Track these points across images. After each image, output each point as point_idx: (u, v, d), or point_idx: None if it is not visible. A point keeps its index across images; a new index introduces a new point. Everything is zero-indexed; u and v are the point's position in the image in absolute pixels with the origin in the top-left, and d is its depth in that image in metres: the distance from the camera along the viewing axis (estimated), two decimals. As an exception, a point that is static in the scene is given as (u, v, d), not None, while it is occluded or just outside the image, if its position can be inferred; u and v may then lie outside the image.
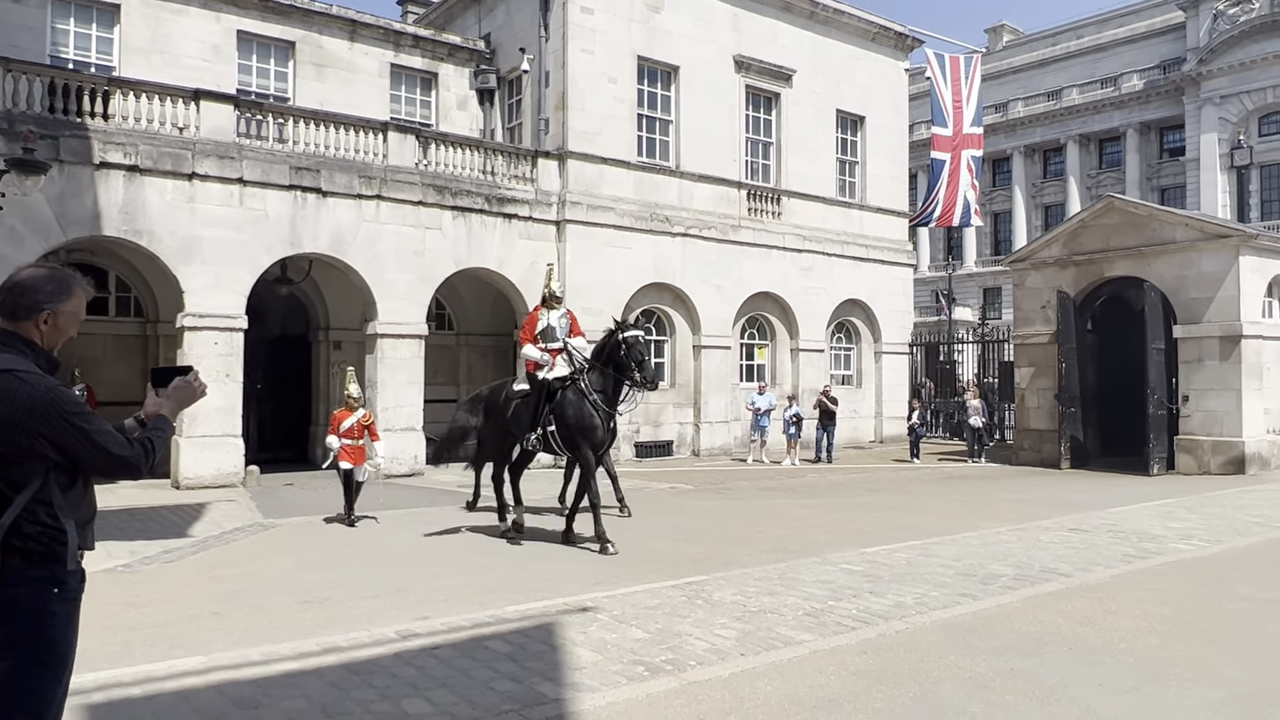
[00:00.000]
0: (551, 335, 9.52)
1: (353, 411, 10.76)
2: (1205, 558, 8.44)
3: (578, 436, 8.96)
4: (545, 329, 9.57)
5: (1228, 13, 45.48)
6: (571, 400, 9.06)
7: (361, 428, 10.75)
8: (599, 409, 8.94)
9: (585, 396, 8.97)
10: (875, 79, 23.81)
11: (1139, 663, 5.23)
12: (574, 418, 8.97)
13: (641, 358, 8.82)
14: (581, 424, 8.95)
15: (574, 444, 9.04)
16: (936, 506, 12.24)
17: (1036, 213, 53.73)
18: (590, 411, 8.93)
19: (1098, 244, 17.46)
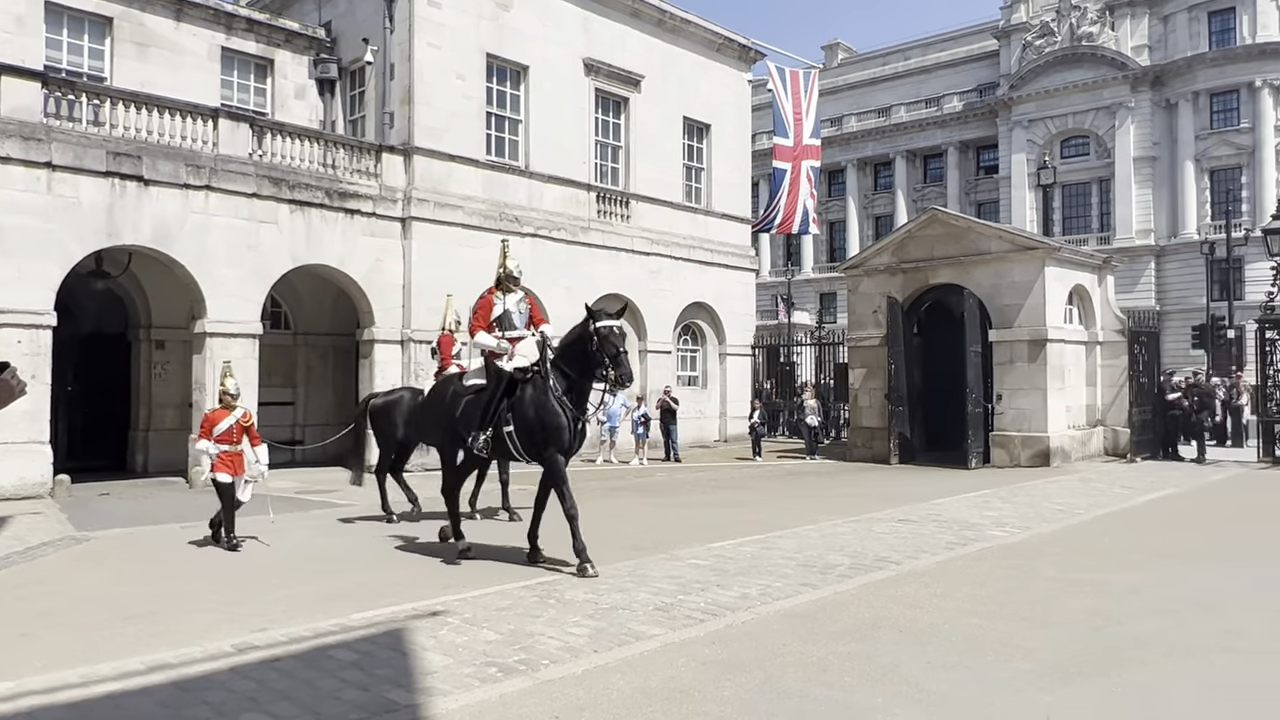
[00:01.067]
0: (509, 322, 8.42)
1: (230, 411, 9.32)
2: (1016, 543, 9.17)
3: (542, 438, 7.90)
4: (502, 315, 8.43)
5: (1035, 43, 49.61)
6: (533, 396, 7.98)
7: (240, 430, 9.32)
8: (565, 408, 7.88)
9: (550, 393, 7.89)
10: (720, 89, 24.51)
11: (961, 641, 5.64)
12: (536, 417, 7.91)
13: (616, 352, 7.71)
14: (545, 423, 7.88)
15: (537, 447, 7.98)
16: (778, 502, 12.72)
17: (868, 222, 56.79)
18: (555, 409, 7.85)
19: (923, 253, 18.64)
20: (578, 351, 7.94)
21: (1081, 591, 7.01)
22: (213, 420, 9.32)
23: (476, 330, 8.43)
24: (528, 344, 8.29)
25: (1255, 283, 37.55)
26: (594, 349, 7.76)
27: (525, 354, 8.21)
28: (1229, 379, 24.26)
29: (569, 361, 7.98)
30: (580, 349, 7.91)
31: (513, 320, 8.45)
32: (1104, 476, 15.46)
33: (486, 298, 8.58)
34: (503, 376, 8.12)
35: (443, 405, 8.76)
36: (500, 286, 8.63)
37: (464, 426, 8.32)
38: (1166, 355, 36.94)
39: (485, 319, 8.45)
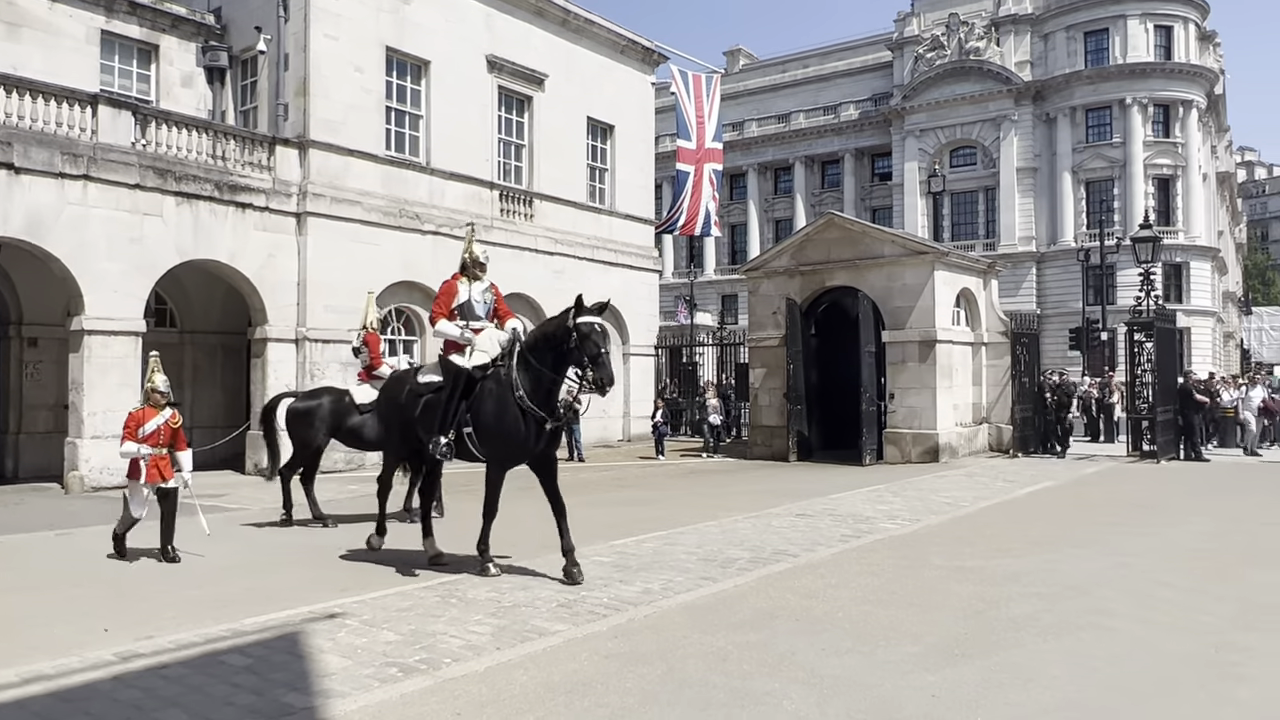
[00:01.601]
0: (471, 312, 7.75)
1: (159, 410, 8.36)
2: (907, 534, 9.55)
3: (496, 439, 7.30)
4: (464, 304, 7.75)
5: (926, 56, 51.58)
6: (495, 395, 7.31)
7: (169, 431, 8.36)
8: (527, 411, 7.16)
9: (512, 392, 7.19)
10: (624, 90, 24.65)
11: (854, 628, 5.85)
12: (493, 417, 7.27)
13: (597, 351, 7.03)
14: (501, 427, 7.22)
15: (490, 446, 7.43)
16: (681, 500, 12.89)
17: (769, 226, 57.97)
18: (515, 412, 7.17)
19: (820, 256, 19.17)
20: (551, 348, 7.24)
21: (966, 578, 7.36)
22: (139, 419, 8.31)
23: (437, 318, 7.72)
24: (488, 336, 7.63)
25: (1126, 288, 39.91)
26: (572, 346, 7.08)
27: (485, 349, 7.54)
28: (1102, 378, 25.78)
29: (540, 358, 7.25)
30: (555, 345, 7.22)
31: (475, 310, 7.78)
32: (988, 471, 16.21)
33: (450, 283, 7.93)
34: (460, 375, 7.45)
35: (397, 406, 8.08)
36: (465, 273, 7.97)
37: (424, 428, 7.69)
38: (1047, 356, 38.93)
39: (447, 306, 7.75)
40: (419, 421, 7.76)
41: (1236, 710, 4.43)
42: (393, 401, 8.23)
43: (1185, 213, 46.61)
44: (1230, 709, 4.45)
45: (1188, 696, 4.61)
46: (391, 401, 8.27)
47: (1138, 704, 4.50)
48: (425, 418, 7.68)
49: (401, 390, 8.12)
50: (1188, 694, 4.64)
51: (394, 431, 8.34)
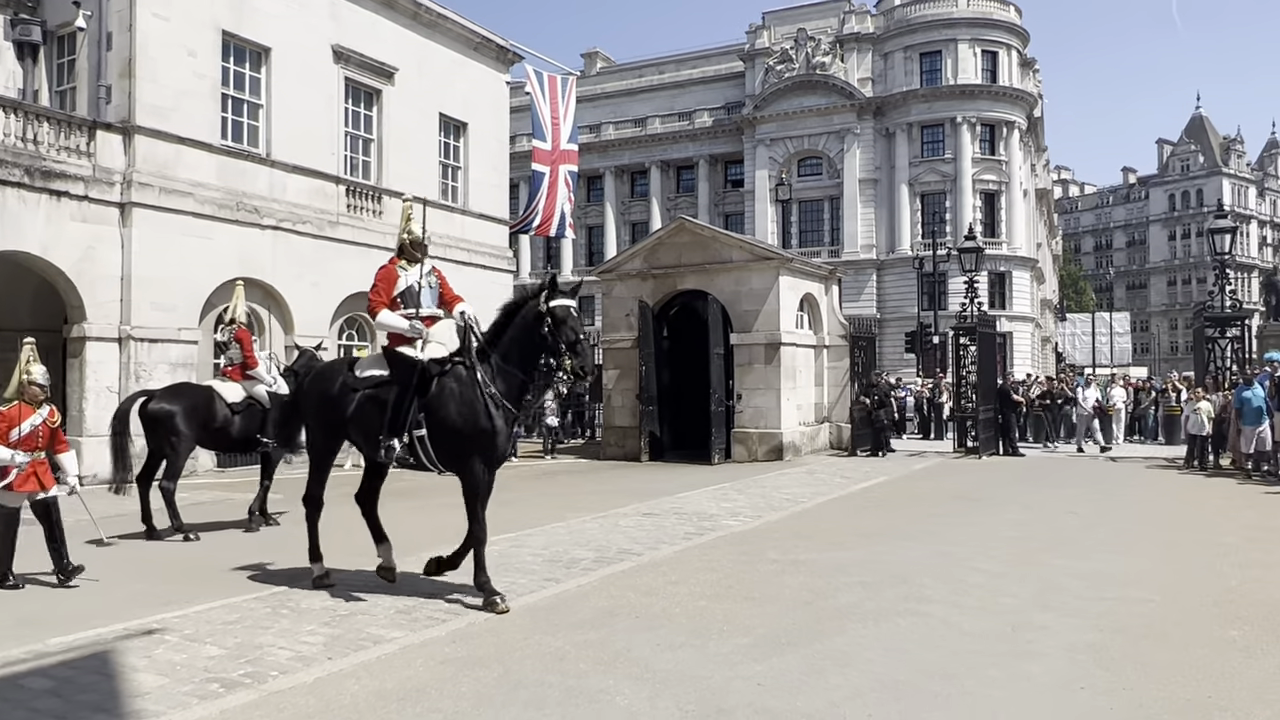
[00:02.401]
0: (414, 299, 6.83)
1: (35, 408, 7.28)
2: (747, 530, 9.89)
3: (467, 446, 6.45)
4: (407, 291, 6.85)
5: (776, 68, 53.41)
6: (456, 393, 6.48)
7: (47, 432, 7.34)
8: (500, 406, 6.40)
9: (478, 388, 6.40)
10: (478, 87, 24.35)
11: (690, 622, 6.02)
12: (461, 418, 6.43)
13: (576, 338, 6.31)
14: (474, 427, 6.40)
15: (458, 456, 6.55)
16: (529, 501, 12.84)
17: (625, 228, 58.56)
18: (486, 409, 6.37)
19: (672, 260, 19.55)
20: (520, 336, 6.48)
21: (799, 571, 7.70)
22: (11, 419, 7.16)
23: (378, 308, 6.80)
24: (444, 328, 6.85)
25: (956, 294, 42.53)
26: (545, 333, 6.32)
27: (442, 340, 6.76)
28: (933, 379, 27.43)
29: (506, 348, 6.51)
30: (524, 333, 6.45)
31: (419, 297, 6.83)
32: (828, 468, 16.97)
33: (388, 268, 6.95)
34: (415, 369, 6.55)
35: (327, 403, 7.02)
36: (403, 255, 7.02)
37: (359, 429, 6.85)
38: (886, 358, 41.16)
39: (388, 294, 6.82)
40: (353, 421, 6.85)
41: (1028, 684, 4.84)
42: (321, 398, 7.11)
43: (1008, 225, 50.21)
44: (1023, 683, 4.85)
45: (986, 673, 5.00)
46: (320, 398, 7.14)
47: (943, 682, 4.85)
48: (362, 417, 6.76)
49: (332, 385, 7.06)
50: (986, 671, 5.04)
51: (322, 433, 7.23)
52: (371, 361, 7.16)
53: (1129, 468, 17.51)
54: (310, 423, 7.38)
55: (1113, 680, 4.87)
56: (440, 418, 6.52)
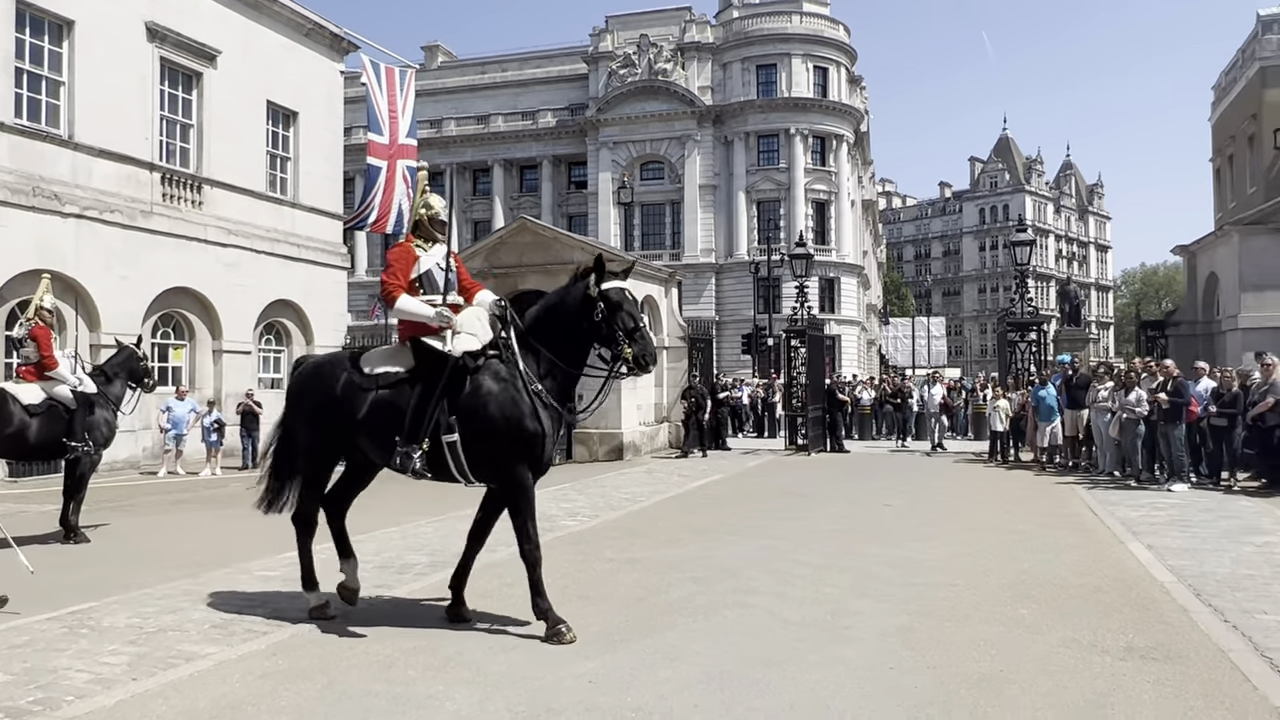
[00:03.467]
0: (434, 285, 5.98)
1: None
2: (585, 530, 9.96)
3: (511, 452, 5.64)
4: (426, 275, 5.99)
5: (619, 72, 54.02)
6: (495, 391, 5.65)
7: None
8: (547, 406, 5.67)
9: (521, 384, 5.64)
10: (310, 76, 23.35)
11: (524, 624, 6.00)
12: (504, 420, 5.60)
13: (635, 323, 5.64)
14: (520, 431, 5.61)
15: (499, 464, 5.72)
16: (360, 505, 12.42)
17: (467, 227, 57.63)
18: (533, 409, 5.61)
19: (514, 260, 19.41)
20: (568, 324, 5.73)
21: (634, 568, 7.82)
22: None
23: (396, 293, 5.84)
24: (473, 316, 5.90)
25: (788, 298, 44.38)
26: (598, 319, 5.59)
27: (474, 331, 5.82)
28: (767, 380, 28.51)
29: (552, 338, 5.76)
30: (572, 320, 5.70)
31: (437, 282, 5.99)
32: (666, 467, 17.32)
33: (404, 247, 6.07)
34: (446, 364, 5.68)
35: (329, 403, 6.01)
36: (419, 233, 6.14)
37: (372, 435, 5.90)
38: (724, 360, 42.38)
39: (405, 276, 5.91)
40: (364, 426, 5.89)
41: (843, 668, 5.12)
42: (321, 398, 6.07)
43: (837, 234, 52.84)
44: (838, 667, 5.13)
45: (806, 659, 5.25)
46: (319, 399, 6.10)
47: (765, 669, 5.06)
48: (376, 421, 5.83)
49: (333, 383, 6.05)
50: (807, 657, 5.29)
51: (322, 440, 6.15)
52: (383, 356, 6.19)
53: (940, 462, 18.81)
54: (304, 428, 6.25)
55: (918, 660, 5.22)
56: (478, 421, 5.63)
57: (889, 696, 4.66)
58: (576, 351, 5.78)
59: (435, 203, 6.16)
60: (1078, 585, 7.19)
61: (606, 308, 5.59)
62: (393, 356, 6.09)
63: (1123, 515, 10.91)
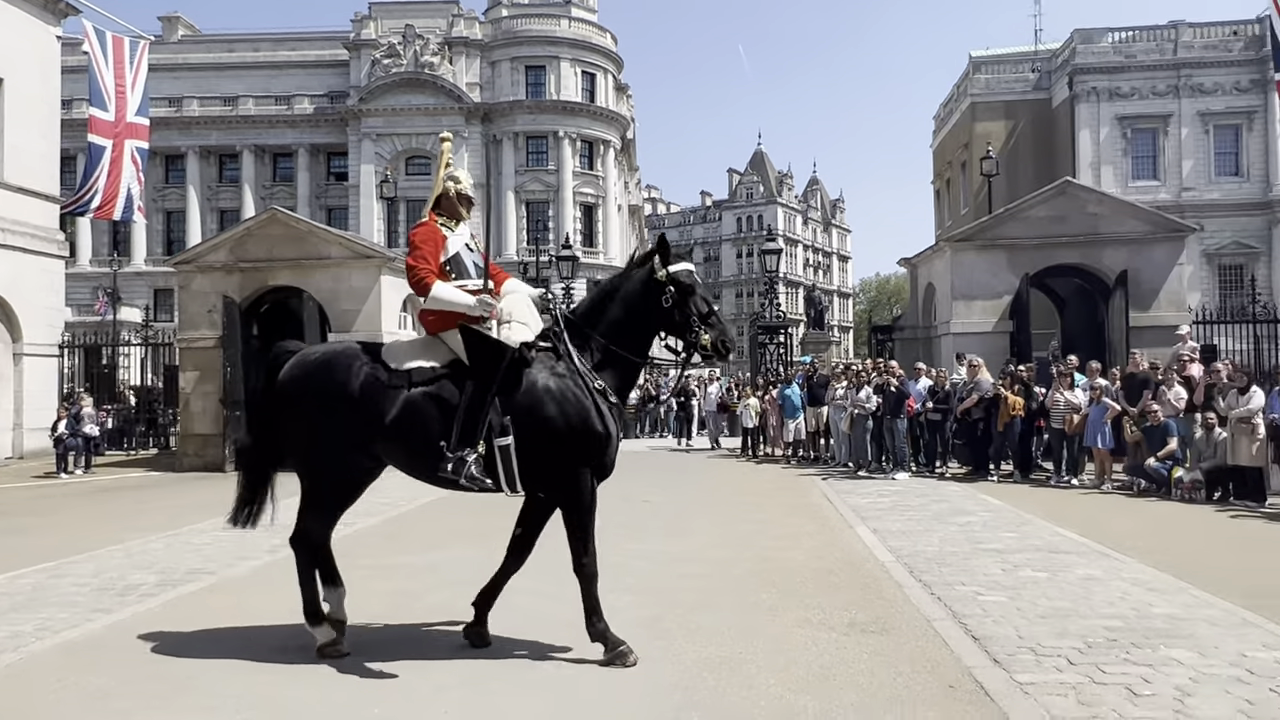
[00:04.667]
0: (462, 269, 5.30)
1: None
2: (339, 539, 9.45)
3: (574, 456, 5.05)
4: (455, 258, 5.31)
5: (383, 61, 52.09)
6: (554, 388, 5.04)
7: None
8: (608, 403, 5.10)
9: (581, 378, 5.06)
10: (20, 39, 20.65)
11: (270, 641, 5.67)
12: (567, 419, 5.00)
13: (709, 308, 5.21)
14: (585, 432, 5.02)
15: (559, 470, 5.09)
16: (76, 524, 11.20)
17: (212, 216, 53.37)
18: (597, 408, 5.04)
19: (263, 253, 18.19)
20: (632, 311, 5.22)
21: (393, 575, 7.59)
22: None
23: (429, 280, 5.09)
24: (521, 303, 5.27)
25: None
26: (668, 306, 5.13)
27: (524, 319, 5.19)
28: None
29: (613, 328, 5.22)
30: (637, 307, 5.21)
31: (466, 266, 5.33)
32: (430, 469, 16.91)
33: (429, 227, 5.29)
34: (503, 356, 5.00)
35: (348, 403, 5.09)
36: (441, 210, 5.43)
37: (408, 440, 5.07)
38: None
39: (436, 260, 5.20)
40: (394, 430, 5.05)
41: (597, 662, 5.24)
42: (337, 399, 5.10)
43: (604, 237, 53.96)
44: (591, 662, 5.24)
45: (563, 656, 5.34)
46: (334, 399, 5.11)
47: (525, 669, 5.09)
48: (413, 423, 5.04)
49: (351, 379, 5.13)
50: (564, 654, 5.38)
51: (341, 448, 5.20)
52: (411, 349, 5.40)
53: (697, 457, 19.74)
54: (309, 434, 5.22)
55: (665, 648, 5.46)
56: (536, 421, 5.00)
57: (637, 683, 4.84)
58: (641, 341, 5.29)
59: (463, 176, 5.49)
60: (813, 569, 7.81)
61: (678, 292, 5.15)
62: (424, 350, 5.29)
63: (853, 503, 11.96)
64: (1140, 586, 6.96)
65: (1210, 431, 12.24)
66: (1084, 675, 4.92)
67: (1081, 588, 6.93)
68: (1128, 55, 40.88)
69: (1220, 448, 12.04)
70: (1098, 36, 41.34)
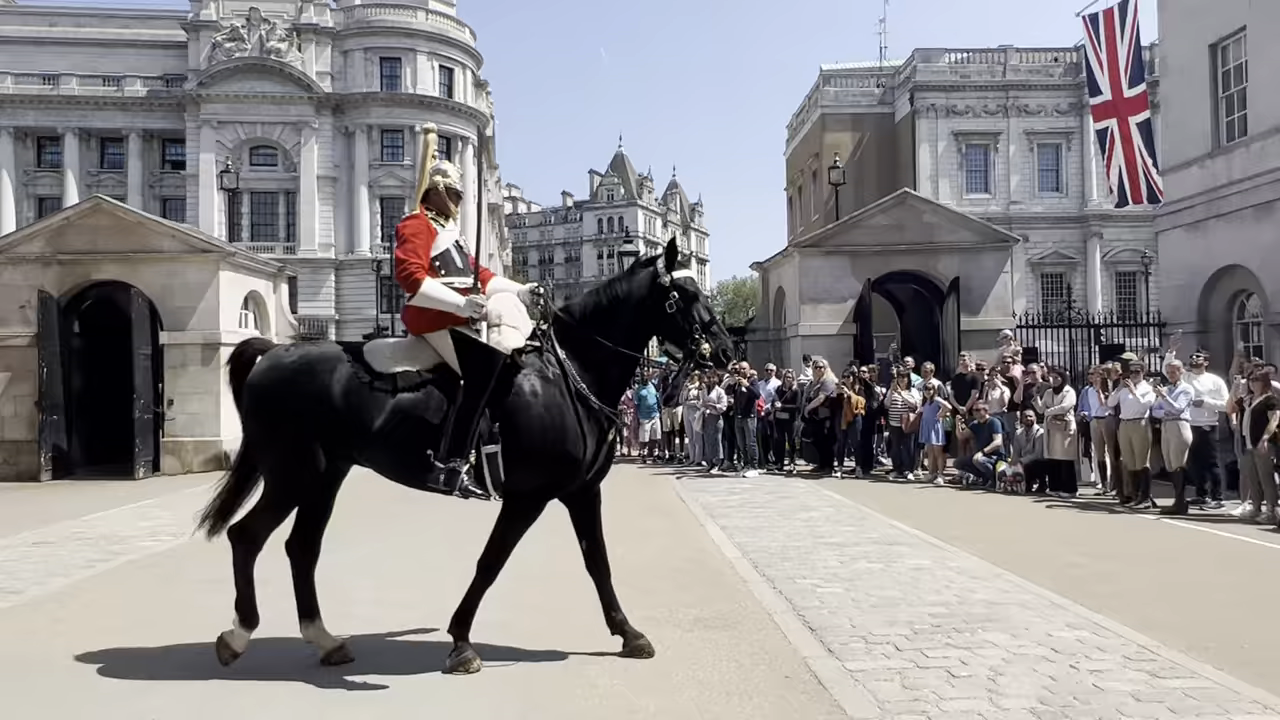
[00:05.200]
0: (451, 267, 5.11)
1: None
2: (167, 550, 8.96)
3: (543, 467, 4.96)
4: (444, 254, 5.10)
5: (225, 45, 49.38)
6: (535, 393, 4.92)
7: None
8: (594, 413, 5.00)
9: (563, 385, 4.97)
10: None
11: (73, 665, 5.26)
12: (543, 428, 4.89)
13: (711, 316, 5.18)
14: (559, 441, 4.92)
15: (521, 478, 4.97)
16: None
17: (30, 203, 49.25)
18: (573, 417, 4.93)
19: (86, 245, 16.88)
20: (632, 314, 5.14)
21: (222, 589, 7.17)
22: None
23: (420, 275, 4.91)
24: (510, 304, 5.13)
25: (413, 298, 43.68)
26: (671, 312, 5.06)
27: (513, 321, 5.05)
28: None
29: (611, 329, 5.12)
30: (638, 310, 5.14)
31: (456, 263, 5.15)
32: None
33: (420, 219, 5.10)
34: (495, 363, 4.84)
35: (327, 408, 4.87)
36: (429, 204, 5.23)
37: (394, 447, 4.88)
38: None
39: (426, 255, 4.99)
40: (380, 437, 4.85)
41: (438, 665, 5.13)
42: (317, 402, 4.88)
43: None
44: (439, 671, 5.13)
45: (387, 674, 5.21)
46: (310, 401, 4.89)
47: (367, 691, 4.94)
48: (400, 431, 4.84)
49: (331, 382, 4.90)
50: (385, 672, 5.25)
51: (316, 455, 4.96)
52: (395, 351, 5.13)
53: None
54: (283, 440, 4.98)
55: (512, 652, 5.39)
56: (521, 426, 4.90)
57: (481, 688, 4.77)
58: (638, 343, 5.31)
59: (451, 170, 5.37)
60: (662, 567, 7.92)
61: (682, 299, 5.09)
62: (408, 352, 5.09)
63: (705, 501, 12.23)
64: (964, 575, 7.42)
65: (1029, 428, 13.20)
66: (909, 660, 5.20)
67: (911, 577, 7.32)
68: (963, 75, 43.58)
69: (1038, 443, 13.00)
70: (936, 56, 43.88)
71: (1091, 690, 4.68)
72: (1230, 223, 17.07)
